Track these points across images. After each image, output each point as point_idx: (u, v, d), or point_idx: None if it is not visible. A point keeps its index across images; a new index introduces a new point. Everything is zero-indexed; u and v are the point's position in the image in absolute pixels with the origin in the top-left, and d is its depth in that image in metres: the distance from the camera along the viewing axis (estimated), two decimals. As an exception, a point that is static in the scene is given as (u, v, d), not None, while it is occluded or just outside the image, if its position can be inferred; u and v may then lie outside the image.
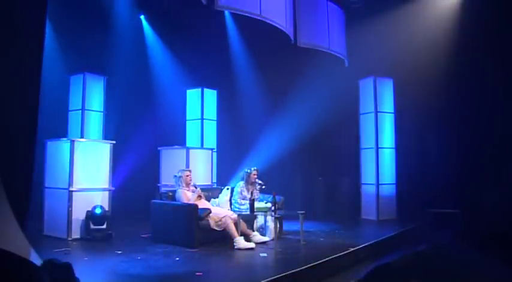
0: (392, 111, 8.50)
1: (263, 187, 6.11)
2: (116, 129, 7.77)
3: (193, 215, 5.37)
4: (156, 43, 9.64)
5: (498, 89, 7.46)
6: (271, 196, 5.55)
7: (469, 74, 7.69)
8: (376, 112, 8.32)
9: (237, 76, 9.85)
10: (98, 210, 5.81)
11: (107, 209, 6.00)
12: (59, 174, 5.88)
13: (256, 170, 6.24)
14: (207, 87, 8.68)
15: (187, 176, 5.94)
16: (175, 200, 5.84)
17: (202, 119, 8.55)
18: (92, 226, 5.74)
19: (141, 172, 8.29)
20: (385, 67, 8.29)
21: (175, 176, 5.99)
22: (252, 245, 5.32)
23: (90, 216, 5.77)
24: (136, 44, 9.44)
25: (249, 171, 6.21)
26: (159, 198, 6.07)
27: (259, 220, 5.99)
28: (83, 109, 7.50)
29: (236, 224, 5.45)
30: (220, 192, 6.38)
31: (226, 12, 9.00)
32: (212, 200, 6.26)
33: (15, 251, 2.85)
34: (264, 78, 9.44)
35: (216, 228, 5.47)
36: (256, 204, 5.62)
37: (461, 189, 7.61)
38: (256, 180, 6.14)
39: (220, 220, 5.47)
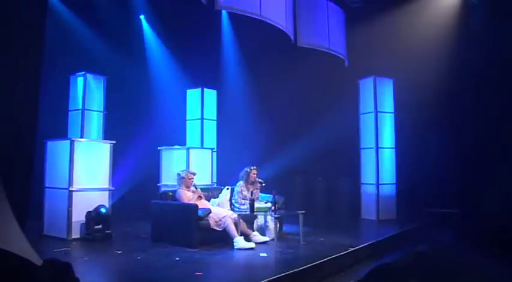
0: (392, 111, 8.49)
1: (263, 185, 6.10)
2: (116, 129, 7.75)
3: (193, 215, 5.36)
4: (156, 43, 9.64)
5: (498, 88, 7.46)
6: (271, 196, 5.54)
7: (469, 73, 7.68)
8: (376, 112, 8.32)
9: (237, 76, 9.85)
10: (103, 210, 5.79)
11: (107, 209, 6.00)
12: (59, 174, 5.87)
13: (256, 169, 6.23)
14: (207, 87, 8.67)
15: (190, 179, 5.87)
16: (175, 200, 5.83)
17: (202, 119, 8.54)
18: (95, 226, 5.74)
19: (141, 172, 8.28)
20: (385, 67, 8.29)
21: (179, 174, 5.92)
22: (252, 245, 5.31)
23: (94, 216, 5.74)
24: (136, 44, 9.45)
25: (248, 170, 6.19)
26: (159, 198, 6.06)
27: (259, 220, 5.99)
28: (83, 109, 7.48)
29: (236, 224, 5.45)
30: (220, 192, 6.38)
31: (224, 12, 9.00)
32: (212, 200, 6.24)
33: (15, 251, 2.85)
34: (263, 78, 9.43)
35: (216, 228, 5.46)
36: (256, 204, 5.61)
37: (461, 189, 7.62)
38: (257, 179, 6.14)
39: (220, 220, 5.47)
